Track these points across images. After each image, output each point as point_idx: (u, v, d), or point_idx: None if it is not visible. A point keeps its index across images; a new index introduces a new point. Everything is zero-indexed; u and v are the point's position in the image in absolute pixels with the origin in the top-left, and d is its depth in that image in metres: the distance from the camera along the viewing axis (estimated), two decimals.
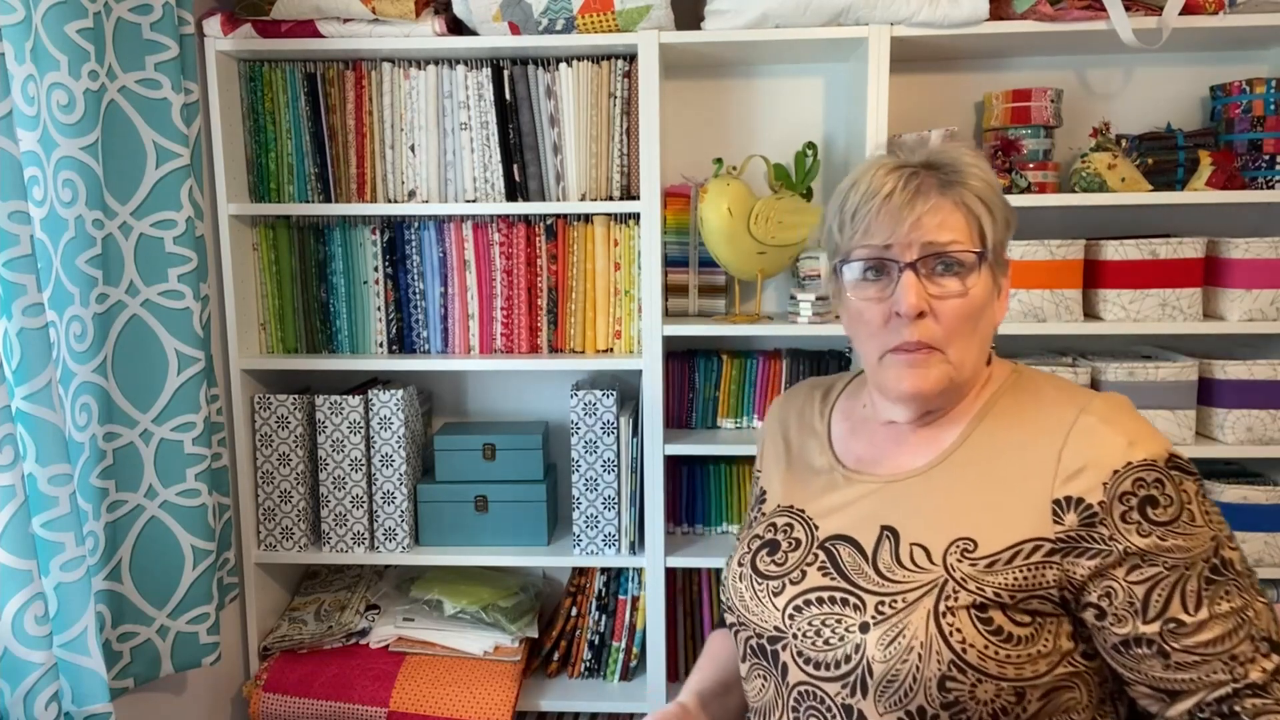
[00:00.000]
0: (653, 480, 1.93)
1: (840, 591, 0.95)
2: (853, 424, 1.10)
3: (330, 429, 1.97)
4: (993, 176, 0.99)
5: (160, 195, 1.59)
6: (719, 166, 1.91)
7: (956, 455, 0.98)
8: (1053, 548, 0.90)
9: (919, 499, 0.97)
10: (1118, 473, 0.89)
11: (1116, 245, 1.84)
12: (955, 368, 0.97)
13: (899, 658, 0.89)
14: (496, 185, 1.93)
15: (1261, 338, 1.94)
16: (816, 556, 1.00)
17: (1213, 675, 0.88)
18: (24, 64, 1.34)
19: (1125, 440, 0.90)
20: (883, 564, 0.95)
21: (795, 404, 1.19)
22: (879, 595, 0.93)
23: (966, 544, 0.92)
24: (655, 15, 1.79)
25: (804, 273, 1.96)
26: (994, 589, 0.89)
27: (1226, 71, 2.00)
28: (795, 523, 1.05)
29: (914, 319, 0.95)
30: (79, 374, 1.46)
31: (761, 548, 1.05)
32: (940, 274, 0.95)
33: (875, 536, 0.97)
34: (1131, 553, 0.88)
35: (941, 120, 2.04)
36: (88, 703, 1.39)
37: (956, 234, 0.95)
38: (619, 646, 2.04)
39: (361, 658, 1.96)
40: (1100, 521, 0.89)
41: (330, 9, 1.82)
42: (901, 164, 0.99)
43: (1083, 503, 0.89)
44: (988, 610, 0.89)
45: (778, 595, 0.99)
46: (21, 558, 1.24)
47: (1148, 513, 0.88)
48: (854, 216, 0.98)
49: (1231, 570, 0.89)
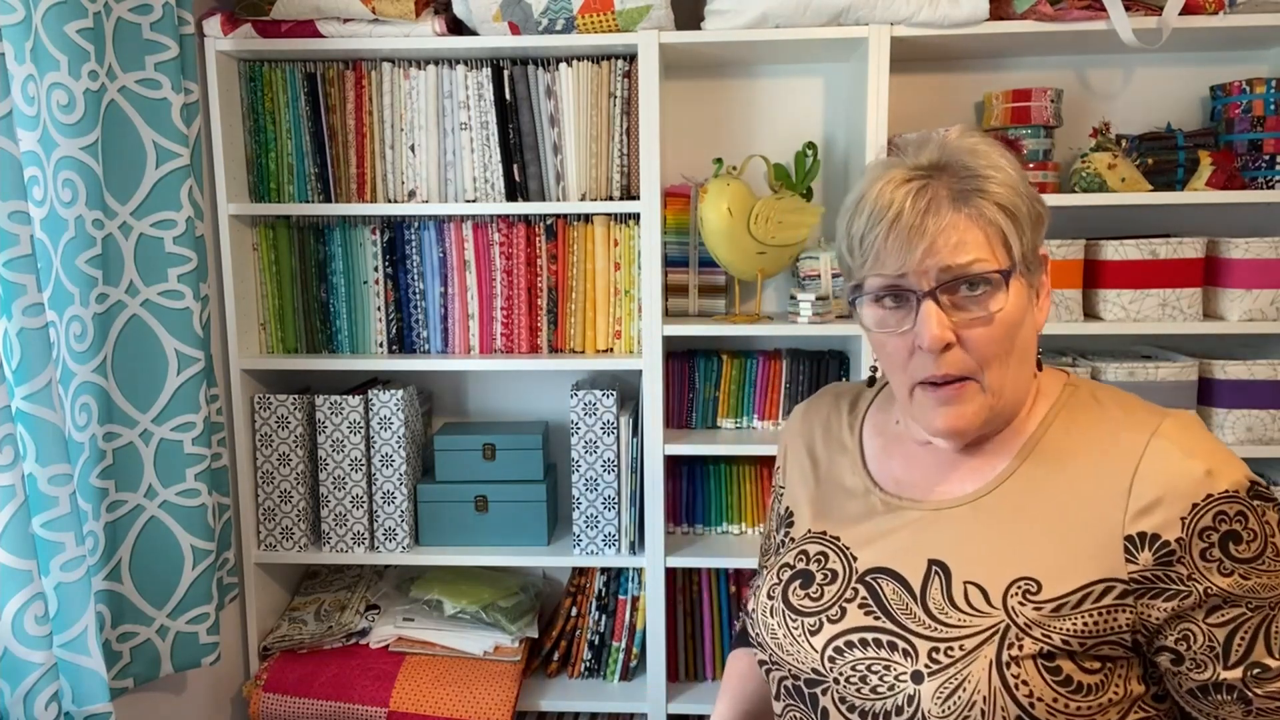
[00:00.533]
0: (653, 480, 1.93)
1: (887, 634, 0.86)
2: (885, 440, 1.01)
3: (330, 429, 1.97)
4: (1013, 173, 0.88)
5: (160, 195, 1.59)
6: (719, 166, 1.91)
7: (1011, 482, 0.89)
8: (1126, 589, 0.82)
9: (970, 530, 0.88)
10: (1197, 506, 0.80)
11: (1116, 245, 1.84)
12: (995, 395, 0.87)
13: (959, 713, 0.81)
14: (496, 185, 1.93)
15: (1261, 338, 1.94)
16: (856, 591, 0.91)
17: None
18: (24, 64, 1.34)
19: (1204, 468, 0.81)
20: (933, 604, 0.86)
21: (819, 415, 1.09)
22: (932, 640, 0.84)
23: (1029, 585, 0.83)
24: (655, 15, 1.79)
25: (804, 273, 1.96)
26: (1062, 636, 0.81)
27: (1226, 71, 2.00)
28: (830, 552, 0.95)
29: (939, 353, 0.85)
30: (79, 374, 1.46)
31: (793, 579, 0.96)
32: (965, 296, 0.85)
33: (923, 572, 0.88)
34: (1213, 594, 0.81)
35: (941, 120, 2.04)
36: (88, 703, 1.39)
37: (977, 252, 0.84)
38: (619, 646, 2.04)
39: (361, 658, 1.96)
40: (1179, 560, 0.80)
41: (330, 9, 1.82)
42: (910, 174, 0.87)
43: (1159, 539, 0.81)
44: (1055, 659, 0.81)
45: (815, 634, 0.91)
46: (21, 558, 1.24)
47: (1230, 549, 0.80)
48: (862, 242, 0.88)
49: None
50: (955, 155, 0.88)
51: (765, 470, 2.05)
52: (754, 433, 2.02)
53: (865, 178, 0.91)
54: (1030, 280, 0.89)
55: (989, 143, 0.89)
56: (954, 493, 0.91)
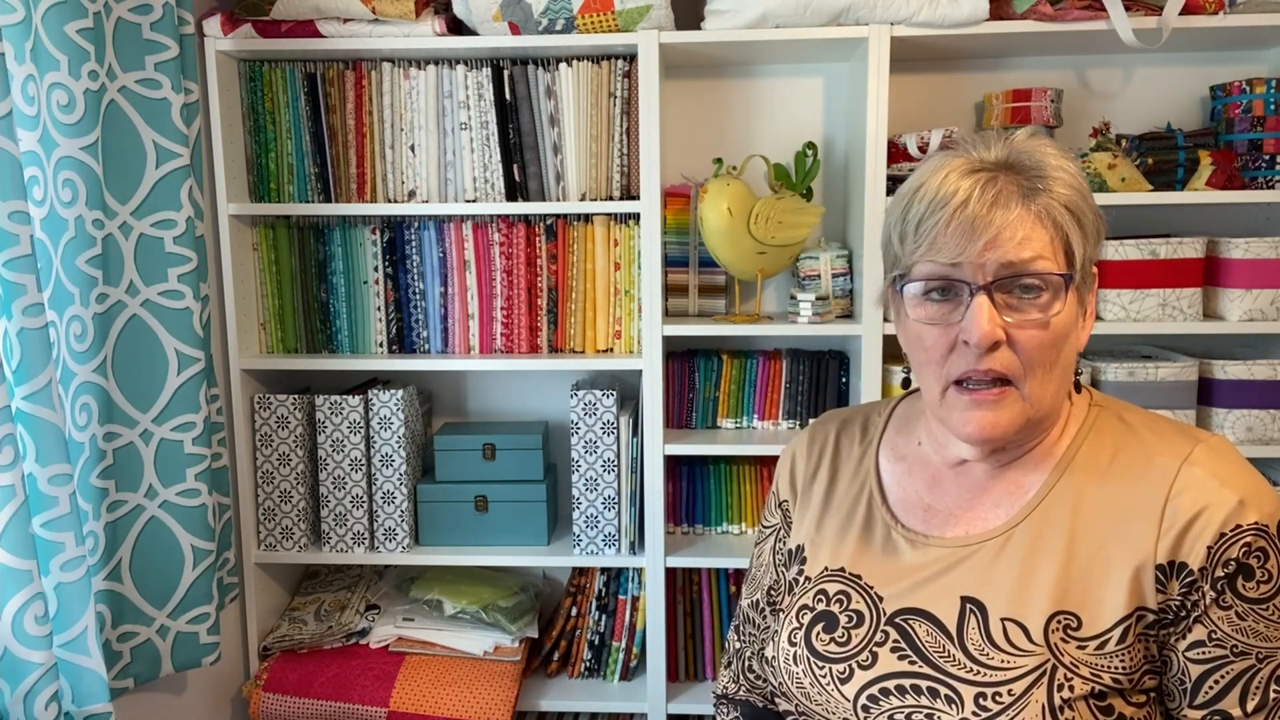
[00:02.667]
0: (653, 480, 1.93)
1: (926, 679, 0.82)
2: (908, 465, 0.95)
3: (330, 429, 1.97)
4: (1082, 180, 0.86)
5: (160, 195, 1.59)
6: (719, 166, 1.91)
7: (1041, 510, 0.85)
8: (1156, 619, 0.79)
9: (1003, 564, 0.84)
10: (1224, 536, 0.77)
11: (1116, 245, 1.84)
12: (1033, 405, 0.83)
13: None
14: (496, 185, 1.93)
15: (1261, 338, 1.94)
16: (887, 635, 0.86)
17: None
18: (24, 64, 1.34)
19: (1237, 498, 0.78)
20: (972, 645, 0.82)
21: (827, 443, 1.03)
22: (977, 685, 0.80)
23: (1069, 620, 0.80)
24: (655, 15, 1.79)
25: (804, 273, 1.96)
26: (1111, 675, 0.78)
27: (1226, 71, 2.00)
28: (852, 591, 0.90)
29: (986, 352, 0.81)
30: (79, 374, 1.46)
31: (815, 621, 0.91)
32: (1019, 297, 0.81)
33: (957, 611, 0.84)
34: (1201, 622, 0.78)
35: (941, 120, 2.04)
36: (88, 703, 1.39)
37: (1041, 251, 0.81)
38: (619, 646, 2.04)
39: (361, 658, 1.96)
40: (1196, 588, 0.78)
41: (330, 9, 1.82)
42: (977, 166, 0.84)
43: (1185, 569, 0.78)
44: (1107, 698, 0.78)
45: (845, 682, 0.86)
46: (21, 558, 1.24)
47: (1238, 585, 0.77)
48: (918, 227, 0.83)
49: None
50: (1024, 154, 0.85)
51: (765, 470, 2.05)
52: (754, 433, 2.02)
53: (925, 166, 0.87)
54: (1081, 295, 0.85)
55: (1058, 148, 0.86)
56: (984, 523, 0.87)
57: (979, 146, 0.86)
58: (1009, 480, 0.88)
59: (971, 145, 0.86)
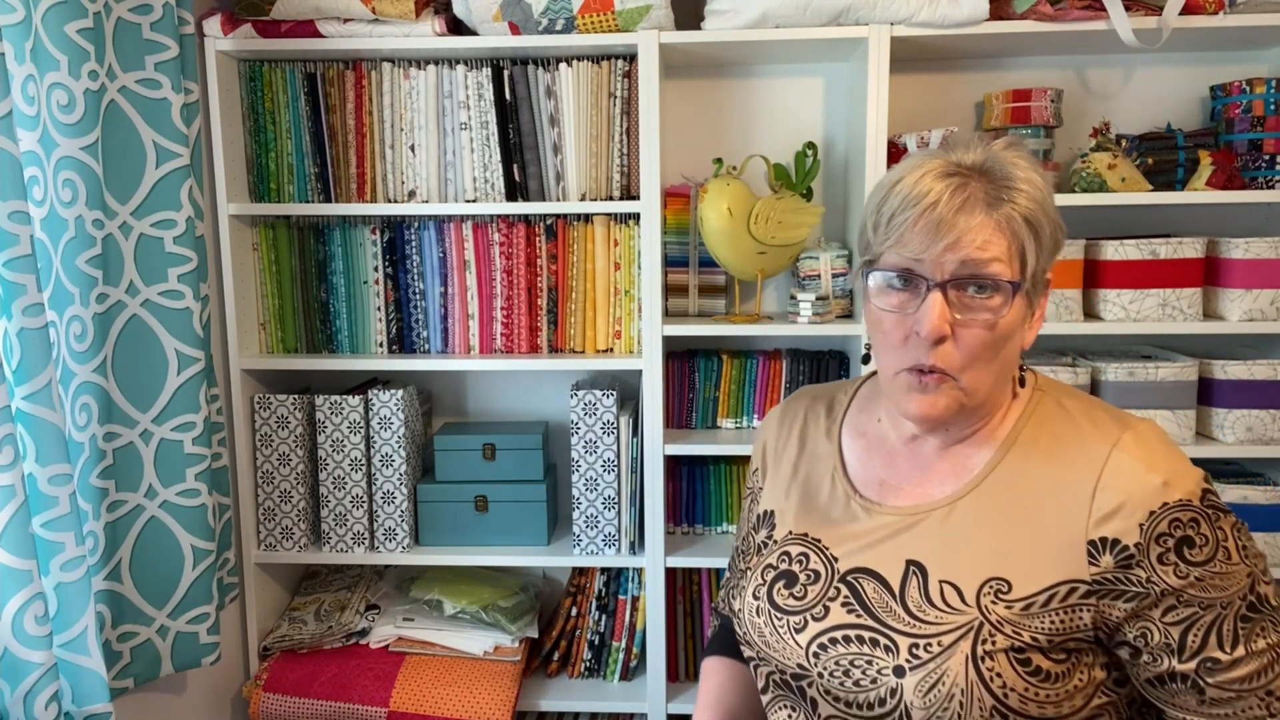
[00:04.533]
0: (653, 480, 1.93)
1: (869, 631, 0.92)
2: (868, 442, 1.05)
3: (330, 429, 1.97)
4: (1047, 193, 0.91)
5: (160, 195, 1.59)
6: (719, 166, 1.91)
7: (984, 486, 0.94)
8: (1089, 590, 0.88)
9: (946, 533, 0.94)
10: (1154, 514, 0.86)
11: (1116, 245, 1.84)
12: (967, 394, 0.92)
13: (940, 705, 0.86)
14: (496, 185, 1.93)
15: (1261, 338, 1.94)
16: (839, 591, 0.96)
17: (1249, 711, 0.87)
18: (24, 64, 1.34)
19: (1161, 480, 0.87)
20: (912, 602, 0.92)
21: (796, 419, 1.12)
22: (912, 636, 0.90)
23: (1000, 585, 0.89)
24: (655, 15, 1.79)
25: (804, 273, 1.96)
26: (1031, 633, 0.87)
27: (1226, 71, 2.00)
28: (811, 553, 1.00)
29: (933, 344, 0.89)
30: (79, 374, 1.46)
31: (778, 579, 1.01)
32: (971, 296, 0.89)
33: (902, 572, 0.94)
34: (1168, 594, 0.86)
35: (941, 120, 2.04)
36: (88, 703, 1.39)
37: (997, 255, 0.88)
38: (619, 646, 2.04)
39: (361, 658, 1.96)
40: (1137, 564, 0.86)
41: (330, 9, 1.82)
42: (953, 169, 0.90)
43: (1119, 544, 0.87)
44: (1026, 653, 0.87)
45: (799, 632, 0.96)
46: (21, 558, 1.24)
47: (1184, 554, 0.86)
48: (890, 221, 0.90)
49: (1267, 606, 0.88)
50: (998, 163, 0.91)
51: None
52: (754, 433, 2.02)
53: (904, 163, 0.93)
54: (1031, 300, 0.93)
55: (1033, 162, 0.92)
56: (932, 495, 0.97)
57: (959, 149, 0.93)
58: (956, 458, 0.97)
59: (952, 148, 0.93)
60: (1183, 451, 0.92)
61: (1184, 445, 1.86)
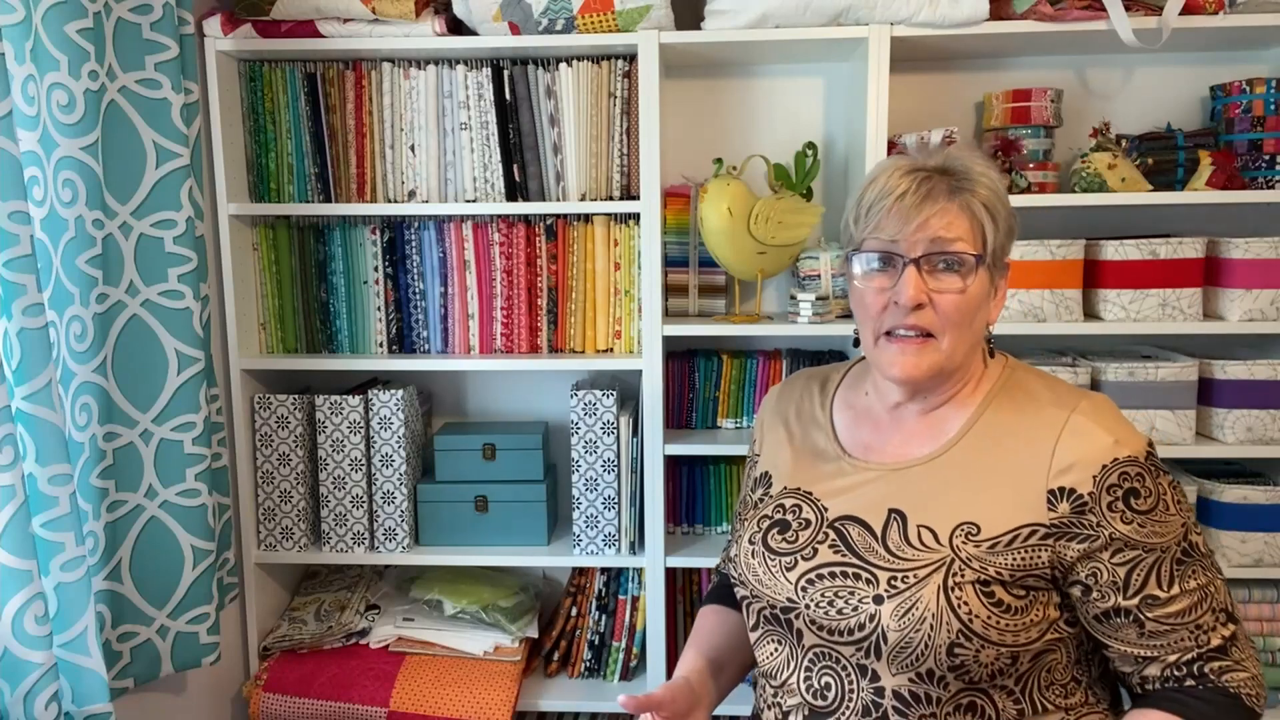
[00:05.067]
0: (653, 480, 1.93)
1: (853, 567, 1.05)
2: (856, 413, 1.19)
3: (330, 429, 1.97)
4: (1000, 186, 1.07)
5: (160, 195, 1.59)
6: (719, 166, 1.91)
7: (959, 447, 1.08)
8: (1047, 532, 1.01)
9: (924, 485, 1.07)
10: (1105, 467, 1.00)
11: (1116, 245, 1.84)
12: (946, 356, 1.05)
13: (913, 627, 0.99)
14: (496, 185, 1.93)
15: (1261, 338, 1.94)
16: (827, 535, 1.09)
17: (1181, 642, 1.01)
18: (24, 64, 1.34)
19: (1112, 439, 1.01)
20: (892, 544, 1.04)
21: (793, 395, 1.27)
22: (891, 571, 1.03)
23: (970, 528, 1.02)
24: (655, 15, 1.79)
25: (804, 273, 1.96)
26: (996, 568, 1.00)
27: (1226, 71, 2.00)
28: (804, 504, 1.13)
29: (911, 309, 1.04)
30: (79, 374, 1.46)
31: (772, 527, 1.14)
32: (941, 271, 1.04)
33: (884, 518, 1.07)
34: (1116, 538, 1.00)
35: (941, 120, 2.04)
36: (88, 703, 1.39)
37: (961, 234, 1.03)
38: (619, 646, 2.04)
39: (361, 658, 1.96)
40: (1089, 510, 1.00)
41: (330, 9, 1.82)
42: (917, 167, 1.06)
43: (1074, 493, 1.01)
44: (990, 586, 1.00)
45: (790, 570, 1.09)
46: (21, 558, 1.24)
47: (1131, 503, 1.00)
48: (868, 212, 1.06)
49: (1197, 552, 1.03)
50: (956, 161, 1.07)
51: None
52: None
53: (878, 167, 1.10)
54: (994, 278, 1.08)
55: (987, 162, 1.09)
56: (912, 453, 1.10)
57: (922, 155, 1.09)
58: (933, 422, 1.11)
59: (917, 153, 1.11)
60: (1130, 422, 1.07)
61: (1184, 445, 1.86)
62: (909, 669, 1.00)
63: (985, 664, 0.99)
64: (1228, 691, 1.00)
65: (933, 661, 0.99)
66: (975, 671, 1.00)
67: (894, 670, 1.01)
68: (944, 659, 0.99)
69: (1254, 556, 1.86)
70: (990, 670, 1.00)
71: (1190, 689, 1.01)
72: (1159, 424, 1.86)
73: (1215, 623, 1.02)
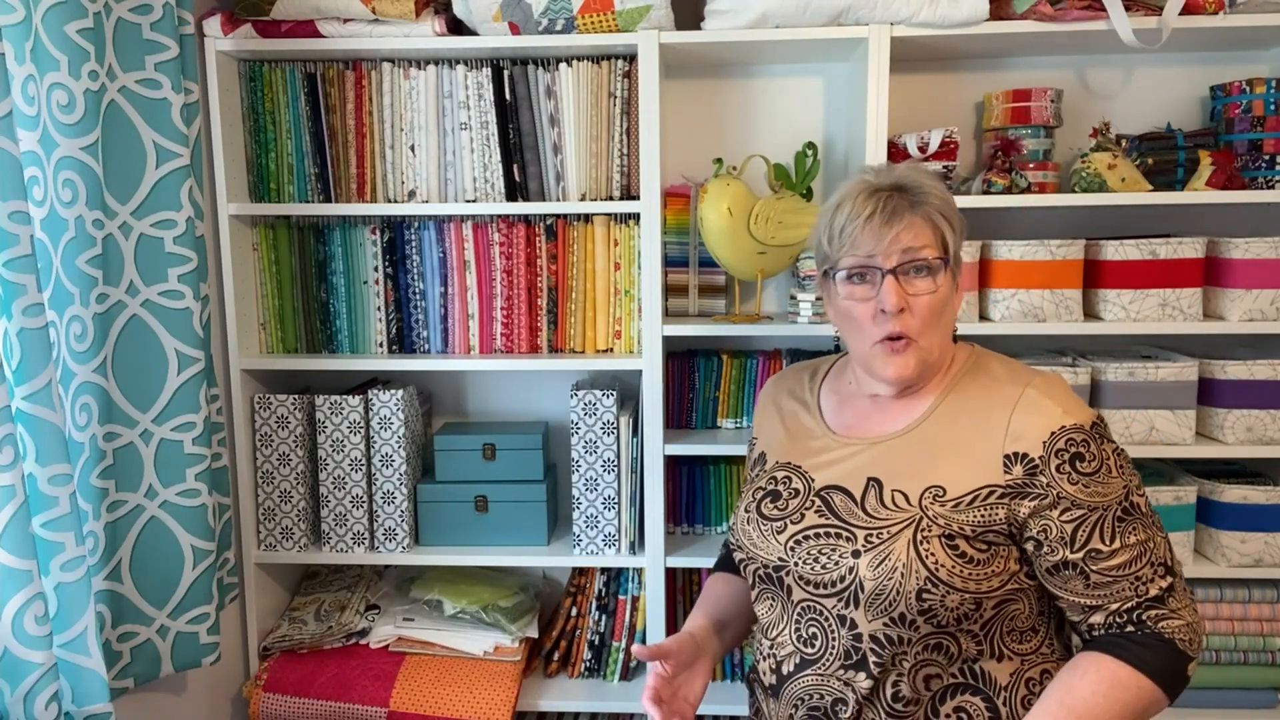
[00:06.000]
0: (653, 480, 1.93)
1: (834, 528, 1.18)
2: (841, 398, 1.32)
3: (330, 429, 1.97)
4: (949, 195, 1.20)
5: (160, 195, 1.59)
6: (719, 166, 1.91)
7: (928, 422, 1.21)
8: (1003, 492, 1.13)
9: (898, 455, 1.20)
10: (1054, 434, 1.12)
11: (1116, 245, 1.84)
12: (927, 351, 1.18)
13: (885, 576, 1.12)
14: (496, 185, 1.93)
15: (1261, 338, 1.94)
16: (814, 502, 1.22)
17: (1122, 592, 1.12)
18: (24, 64, 1.34)
19: (1060, 410, 1.14)
20: (869, 507, 1.17)
21: (786, 384, 1.41)
22: (867, 529, 1.16)
23: (937, 490, 1.15)
24: (655, 15, 1.79)
25: (804, 273, 1.96)
26: (959, 524, 1.13)
27: (1226, 71, 2.00)
28: (793, 476, 1.26)
29: (896, 314, 1.15)
30: (79, 374, 1.46)
31: (765, 496, 1.27)
32: (914, 276, 1.16)
33: (863, 485, 1.19)
34: (1063, 497, 1.11)
35: (941, 120, 2.04)
36: (88, 703, 1.39)
37: (927, 243, 1.16)
38: (619, 646, 2.04)
39: (361, 658, 1.96)
40: (1040, 472, 1.12)
41: (330, 9, 1.82)
42: (877, 188, 1.18)
43: (1026, 457, 1.13)
44: (954, 540, 1.12)
45: (780, 533, 1.22)
46: (21, 558, 1.24)
47: (1076, 466, 1.12)
48: (842, 232, 1.18)
49: (1138, 512, 1.14)
50: (907, 179, 1.19)
51: None
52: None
53: (842, 190, 1.22)
54: (954, 276, 1.20)
55: (932, 175, 1.22)
56: (888, 429, 1.23)
57: (878, 175, 1.21)
58: (908, 404, 1.24)
59: (874, 175, 1.21)
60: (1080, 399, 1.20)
61: (1184, 445, 1.86)
62: (883, 614, 1.12)
63: (951, 608, 1.11)
64: (1162, 637, 1.11)
65: (904, 606, 1.11)
66: (942, 615, 1.11)
67: (870, 617, 1.13)
68: (914, 604, 1.11)
69: (1254, 556, 1.86)
70: (956, 615, 1.12)
71: (1130, 634, 1.12)
72: (1159, 424, 1.86)
73: (1154, 575, 1.12)
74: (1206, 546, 1.92)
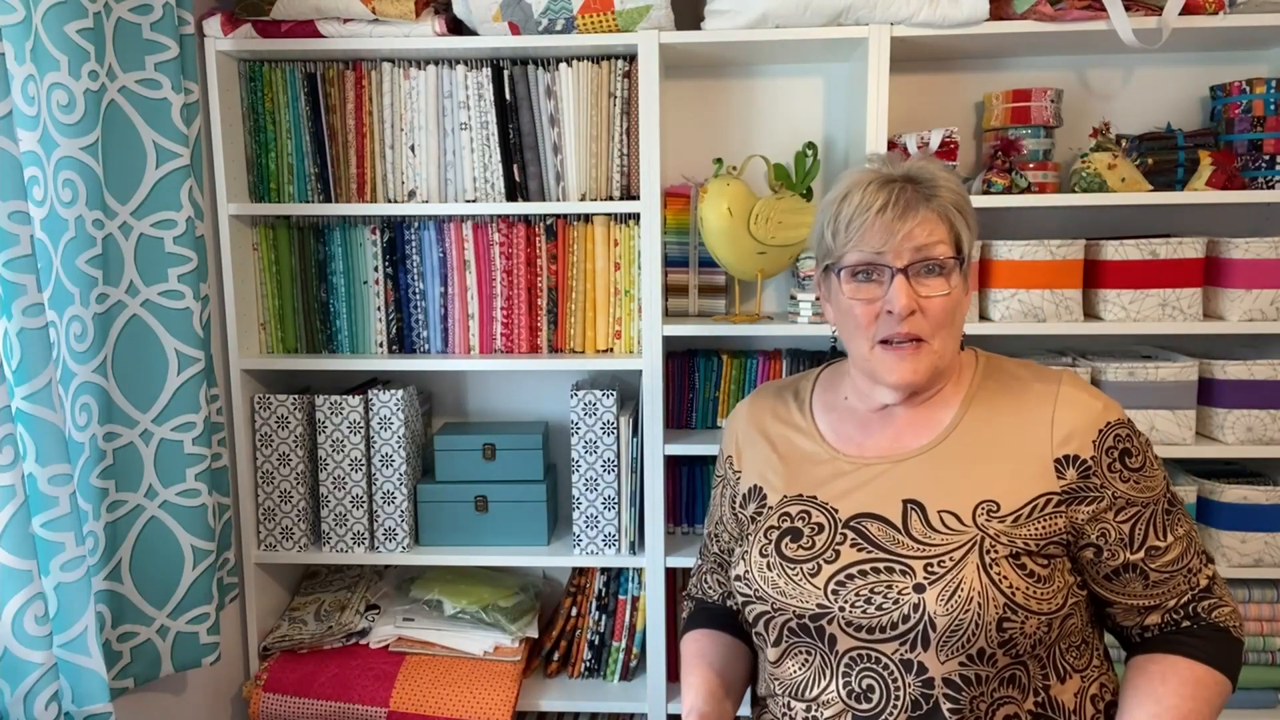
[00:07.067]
0: (653, 480, 1.93)
1: (883, 561, 1.05)
2: (839, 414, 1.20)
3: (330, 429, 1.97)
4: (962, 188, 1.12)
5: (160, 195, 1.59)
6: (719, 166, 1.91)
7: (958, 431, 1.11)
8: (1060, 499, 1.06)
9: (931, 473, 1.09)
10: (1101, 431, 1.07)
11: (1116, 245, 1.84)
12: (939, 355, 1.09)
13: (960, 608, 1.00)
14: (496, 185, 1.93)
15: (1261, 338, 1.94)
16: (845, 536, 1.09)
17: (1177, 588, 1.09)
18: (24, 64, 1.34)
19: (1100, 405, 1.09)
20: (916, 532, 1.06)
21: (765, 406, 1.28)
22: (924, 559, 1.04)
23: (990, 505, 1.05)
24: (655, 15, 1.79)
25: (804, 273, 1.96)
26: (1023, 540, 1.04)
27: (1226, 71, 2.00)
28: (811, 509, 1.13)
29: (905, 316, 1.06)
30: (79, 374, 1.46)
31: (783, 536, 1.13)
32: (925, 276, 1.07)
33: (900, 510, 1.08)
34: (1118, 497, 1.06)
35: (941, 120, 2.04)
36: (88, 703, 1.39)
37: (941, 239, 1.07)
38: (619, 646, 2.04)
39: (361, 658, 1.96)
40: (1093, 473, 1.06)
41: (330, 9, 1.82)
42: (888, 178, 1.09)
43: (1079, 459, 1.06)
44: (1021, 558, 1.03)
45: (814, 576, 1.08)
46: (21, 558, 1.24)
47: (1126, 462, 1.07)
48: (848, 226, 1.08)
49: (1178, 502, 1.11)
50: (920, 170, 1.10)
51: None
52: None
53: (848, 178, 1.12)
54: (966, 275, 1.12)
55: (945, 166, 1.13)
56: (910, 445, 1.12)
57: (888, 164, 1.12)
58: (924, 417, 1.13)
59: (882, 164, 1.12)
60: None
61: (1184, 445, 1.86)
62: (960, 652, 1.00)
63: (1029, 634, 1.02)
64: (1218, 626, 1.09)
65: (984, 640, 1.00)
66: (1020, 644, 1.02)
67: (943, 657, 1.01)
68: (994, 635, 1.00)
69: (1254, 556, 1.86)
70: (1031, 641, 1.02)
71: (1187, 629, 1.09)
72: (1159, 424, 1.86)
73: (1200, 564, 1.10)
74: (1207, 547, 1.92)
